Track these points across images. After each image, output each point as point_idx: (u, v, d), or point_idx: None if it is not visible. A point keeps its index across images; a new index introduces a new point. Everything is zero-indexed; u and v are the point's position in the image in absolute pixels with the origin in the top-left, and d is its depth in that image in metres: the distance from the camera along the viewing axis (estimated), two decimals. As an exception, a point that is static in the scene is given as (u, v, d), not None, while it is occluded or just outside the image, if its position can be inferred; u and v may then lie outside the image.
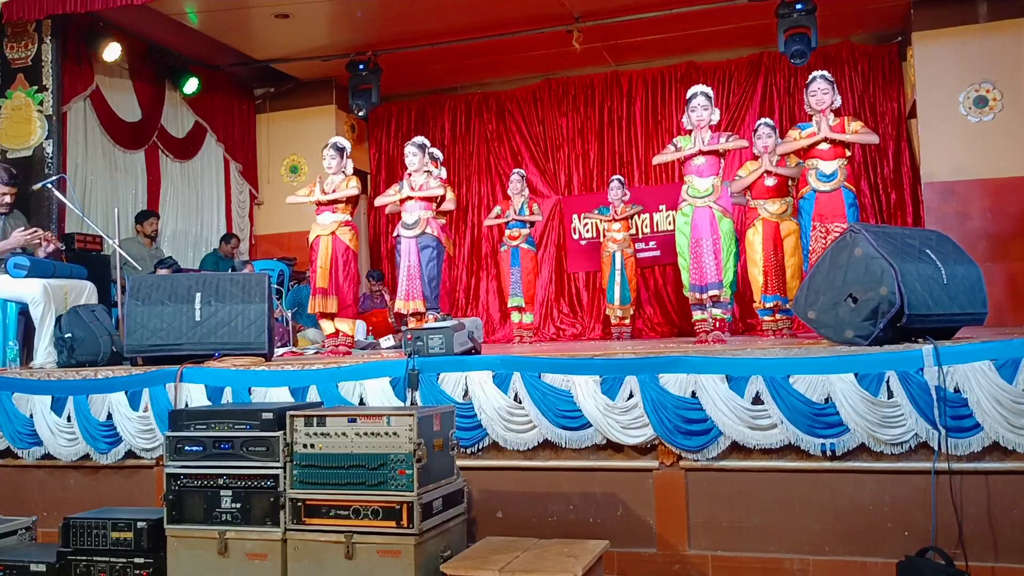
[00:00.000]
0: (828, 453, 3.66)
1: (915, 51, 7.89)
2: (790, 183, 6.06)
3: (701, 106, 5.54)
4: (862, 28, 8.71)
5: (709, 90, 5.66)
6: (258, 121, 9.92)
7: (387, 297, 9.08)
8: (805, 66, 7.67)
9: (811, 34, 7.27)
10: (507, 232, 8.01)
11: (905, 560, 3.39)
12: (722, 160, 5.59)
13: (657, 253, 9.18)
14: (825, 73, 5.73)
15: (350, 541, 3.25)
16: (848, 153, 5.61)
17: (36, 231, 5.58)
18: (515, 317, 8.00)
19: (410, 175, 6.27)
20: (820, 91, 5.60)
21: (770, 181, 5.98)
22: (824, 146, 5.56)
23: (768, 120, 6.38)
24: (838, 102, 5.65)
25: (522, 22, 8.09)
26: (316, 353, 6.31)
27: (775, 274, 5.93)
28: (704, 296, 5.46)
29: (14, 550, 4.02)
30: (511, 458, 4.08)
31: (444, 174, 7.71)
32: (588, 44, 8.37)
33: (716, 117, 5.56)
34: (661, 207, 9.22)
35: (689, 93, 5.66)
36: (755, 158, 6.22)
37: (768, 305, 5.95)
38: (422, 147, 6.29)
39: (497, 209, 8.18)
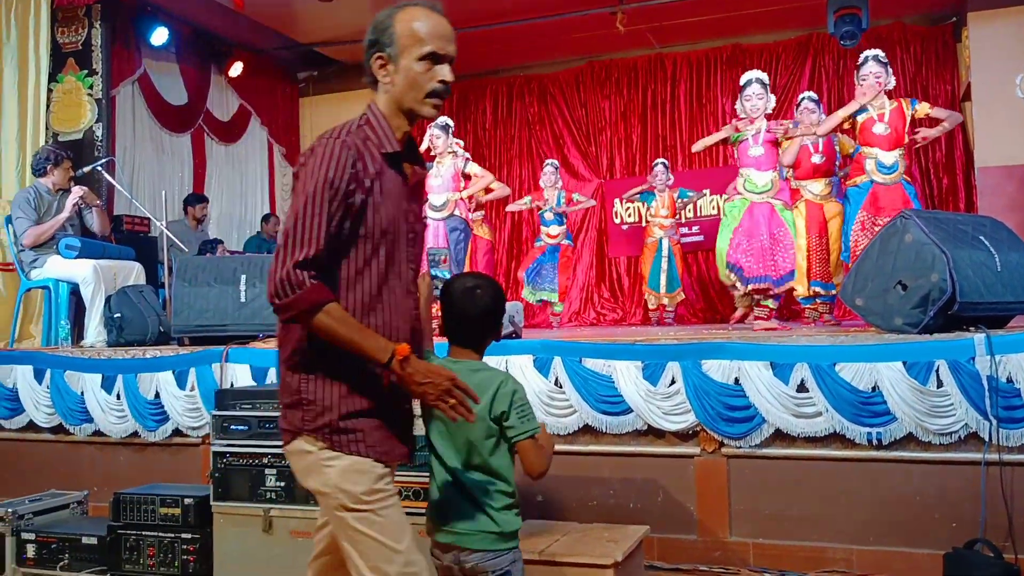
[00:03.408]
0: (874, 442, 3.61)
1: (970, 32, 7.67)
2: (836, 162, 5.86)
3: (756, 95, 5.22)
4: (915, 9, 8.50)
5: (764, 76, 5.35)
6: (301, 104, 9.99)
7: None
8: (855, 48, 7.49)
9: (862, 15, 7.08)
10: (545, 230, 7.89)
11: (953, 552, 3.33)
12: (781, 157, 5.30)
13: (701, 238, 9.08)
14: (878, 53, 5.35)
15: (392, 521, 3.28)
16: (906, 140, 5.26)
17: (80, 191, 5.72)
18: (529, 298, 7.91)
19: (435, 157, 6.28)
20: (872, 74, 5.22)
21: (816, 159, 5.70)
22: (882, 131, 5.20)
23: (811, 94, 6.09)
24: (892, 83, 5.30)
25: (565, 5, 8.02)
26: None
27: (819, 259, 5.68)
28: (779, 288, 5.16)
29: (67, 523, 4.14)
30: (551, 442, 4.08)
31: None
32: (632, 26, 8.28)
33: (771, 105, 5.26)
34: (705, 191, 9.11)
35: (743, 80, 5.35)
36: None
37: (811, 291, 5.79)
38: (446, 128, 6.29)
39: (527, 199, 8.11)
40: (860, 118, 5.32)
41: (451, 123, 6.43)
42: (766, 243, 5.12)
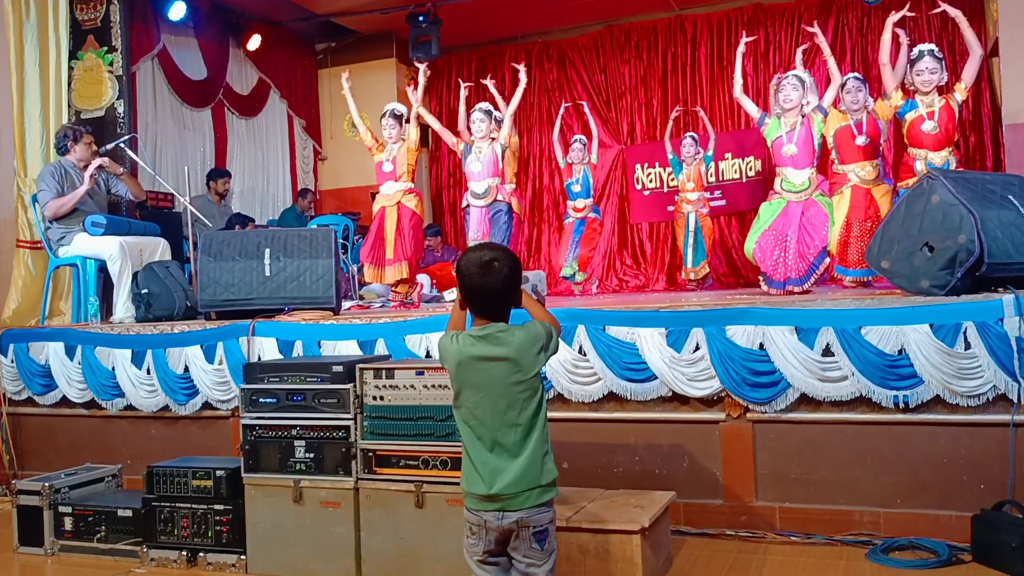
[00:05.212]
0: (901, 405, 3.59)
1: (998, -15, 7.48)
2: (882, 142, 5.60)
3: (791, 85, 5.03)
4: (941, -38, 8.29)
5: (804, 74, 5.17)
6: (320, 76, 9.97)
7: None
8: (878, 7, 7.35)
9: (886, -29, 6.93)
10: (571, 204, 7.88)
11: (981, 513, 3.33)
12: (817, 146, 5.07)
13: (723, 203, 9.00)
14: (933, 48, 5.13)
15: (420, 490, 3.33)
16: (957, 137, 5.02)
17: (99, 161, 5.81)
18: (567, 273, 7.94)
19: (474, 141, 6.24)
20: (928, 70, 5.01)
21: (860, 140, 5.39)
22: (930, 129, 4.98)
23: (856, 74, 5.87)
24: (946, 79, 5.09)
25: (583, -32, 7.93)
26: (382, 307, 6.40)
27: (858, 247, 5.33)
28: (804, 286, 4.97)
29: (102, 496, 4.23)
30: (576, 410, 4.10)
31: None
32: (651, -12, 8.17)
33: (809, 103, 5.04)
34: (727, 155, 9.01)
35: (784, 76, 5.16)
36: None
37: (847, 279, 5.47)
38: (488, 113, 6.23)
39: (563, 161, 8.06)
40: (908, 116, 5.10)
41: (493, 109, 6.33)
42: (792, 241, 4.97)
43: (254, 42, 8.70)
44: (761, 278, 5.18)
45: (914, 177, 5.04)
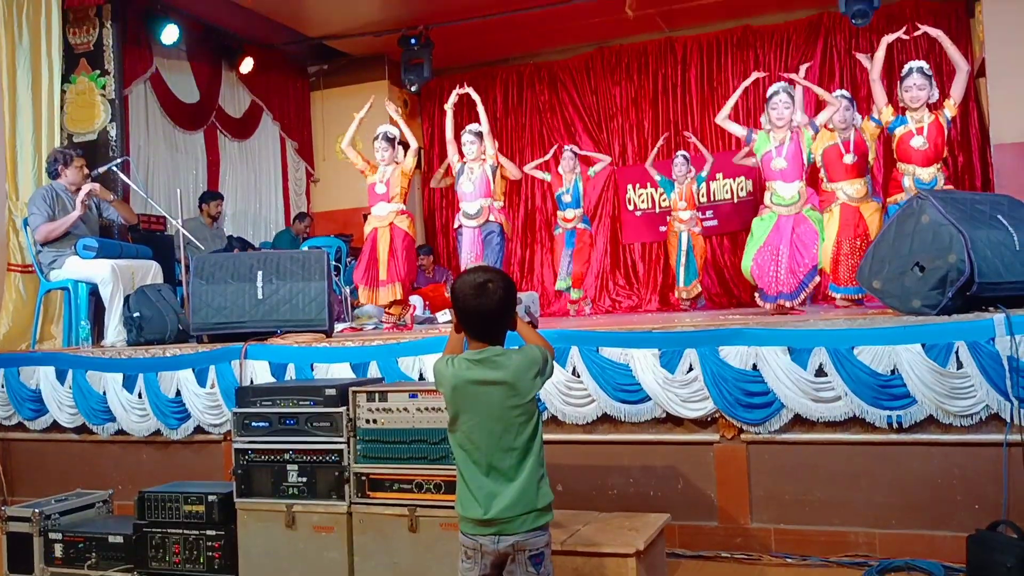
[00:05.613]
0: (894, 425, 3.60)
1: (984, 6, 7.56)
2: (870, 159, 5.63)
3: (783, 103, 5.05)
4: (927, -16, 8.39)
5: (792, 89, 5.19)
6: (312, 99, 10.01)
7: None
8: (866, 27, 7.42)
9: (873, -8, 7.01)
10: (560, 214, 7.92)
11: (975, 534, 3.32)
12: (806, 161, 5.08)
13: (715, 223, 9.04)
14: (923, 65, 5.18)
15: (414, 514, 3.30)
16: (945, 154, 5.08)
17: (88, 187, 5.79)
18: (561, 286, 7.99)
19: (466, 162, 6.28)
20: (916, 87, 5.06)
21: (848, 159, 5.43)
22: (919, 144, 5.01)
23: (844, 92, 5.91)
24: (935, 96, 5.12)
25: (574, -9, 7.99)
26: (374, 329, 6.39)
27: (848, 265, 5.38)
28: (795, 302, 4.96)
29: (93, 522, 4.18)
30: (570, 432, 4.09)
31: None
32: (641, 11, 8.21)
33: (799, 118, 5.08)
34: (718, 175, 9.06)
35: (770, 91, 5.19)
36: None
37: (839, 297, 5.50)
38: (479, 135, 6.28)
39: (548, 175, 8.08)
40: (898, 131, 5.12)
41: (483, 130, 6.36)
42: (784, 256, 4.96)
43: (246, 65, 8.73)
44: (757, 294, 5.19)
45: (903, 192, 5.07)
